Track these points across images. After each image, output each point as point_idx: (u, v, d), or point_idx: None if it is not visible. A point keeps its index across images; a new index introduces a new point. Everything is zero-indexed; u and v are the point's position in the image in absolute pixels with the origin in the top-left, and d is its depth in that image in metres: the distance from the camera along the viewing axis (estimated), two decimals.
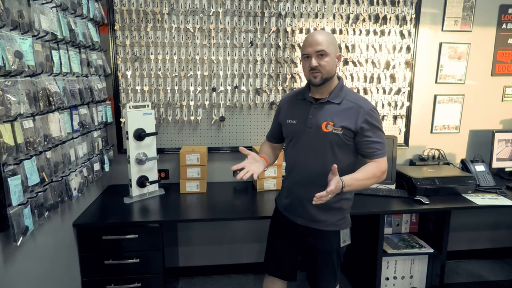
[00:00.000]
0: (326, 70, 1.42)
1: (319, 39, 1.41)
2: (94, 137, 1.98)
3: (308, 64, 1.44)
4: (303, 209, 1.55)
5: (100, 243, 1.79)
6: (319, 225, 1.55)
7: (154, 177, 2.17)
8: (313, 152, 1.49)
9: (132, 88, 2.29)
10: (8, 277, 1.21)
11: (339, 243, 1.56)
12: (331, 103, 1.48)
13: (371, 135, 1.44)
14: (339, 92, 1.49)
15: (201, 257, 2.59)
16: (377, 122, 1.46)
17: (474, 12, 2.49)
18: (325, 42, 1.41)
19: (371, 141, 1.45)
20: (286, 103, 1.65)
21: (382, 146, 1.46)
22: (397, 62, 2.45)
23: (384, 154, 1.47)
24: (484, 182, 2.28)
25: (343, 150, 1.48)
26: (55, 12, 1.48)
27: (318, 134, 1.46)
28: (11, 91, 1.16)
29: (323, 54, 1.41)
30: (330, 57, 1.42)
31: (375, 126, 1.45)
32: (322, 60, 1.41)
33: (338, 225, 1.56)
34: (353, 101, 1.47)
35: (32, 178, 1.28)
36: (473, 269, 2.74)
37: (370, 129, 1.44)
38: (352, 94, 1.52)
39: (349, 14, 2.36)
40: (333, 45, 1.43)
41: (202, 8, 2.25)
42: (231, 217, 2.04)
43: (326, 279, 1.62)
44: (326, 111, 1.47)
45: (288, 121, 1.58)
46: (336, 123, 1.44)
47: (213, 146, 2.44)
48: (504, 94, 2.66)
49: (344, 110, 1.46)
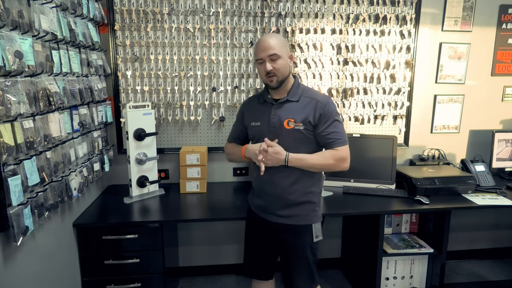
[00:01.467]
0: (280, 72, 1.50)
1: (271, 44, 1.47)
2: (94, 137, 1.98)
3: (263, 69, 1.50)
4: (274, 206, 1.59)
5: (100, 243, 1.79)
6: (290, 220, 1.57)
7: (154, 177, 2.17)
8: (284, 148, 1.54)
9: (132, 88, 2.29)
10: (8, 277, 1.21)
11: (312, 238, 1.57)
12: (290, 101, 1.55)
13: (327, 126, 1.50)
14: (296, 90, 1.57)
15: (201, 257, 2.59)
16: (333, 113, 1.52)
17: (474, 12, 2.49)
18: (277, 46, 1.47)
19: (328, 132, 1.50)
20: (248, 107, 1.71)
21: (339, 135, 1.51)
22: (397, 62, 2.45)
23: (343, 143, 1.51)
24: (484, 182, 2.28)
25: (306, 145, 1.54)
26: (55, 12, 1.48)
27: (281, 132, 1.53)
28: (11, 91, 1.16)
29: (276, 58, 1.47)
30: (283, 59, 1.49)
31: (331, 117, 1.51)
32: (275, 64, 1.48)
33: (309, 219, 1.57)
34: (310, 96, 1.55)
35: (32, 178, 1.28)
36: (473, 269, 2.74)
37: (326, 120, 1.50)
38: (308, 90, 1.60)
39: (349, 14, 2.36)
40: (284, 47, 1.51)
41: (202, 8, 2.25)
42: (231, 217, 2.04)
43: (301, 278, 1.61)
44: (286, 110, 1.54)
45: (252, 123, 1.64)
46: (297, 120, 1.51)
47: (213, 146, 2.44)
48: (504, 94, 2.66)
49: (303, 106, 1.53)
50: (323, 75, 2.41)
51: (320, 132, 1.51)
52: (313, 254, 1.60)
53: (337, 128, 1.51)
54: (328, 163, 1.50)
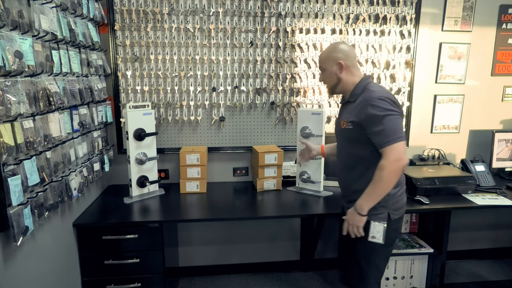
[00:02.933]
0: (327, 83, 1.65)
1: (319, 58, 1.65)
2: (94, 137, 1.98)
3: None
4: (344, 199, 1.70)
5: (100, 243, 1.79)
6: None
7: (154, 177, 2.17)
8: (341, 148, 1.67)
9: (132, 88, 2.29)
10: (8, 277, 1.21)
11: (366, 235, 1.52)
12: (350, 102, 1.60)
13: (372, 126, 1.44)
14: (356, 91, 1.57)
15: (201, 257, 2.59)
16: (379, 111, 1.41)
17: (474, 12, 2.49)
18: (321, 60, 1.63)
19: (374, 132, 1.43)
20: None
21: (383, 134, 1.40)
22: (397, 62, 2.45)
23: (386, 144, 1.40)
24: (484, 182, 2.28)
25: (358, 143, 1.53)
26: (55, 12, 1.48)
27: (339, 131, 1.65)
28: (11, 91, 1.16)
29: (322, 71, 1.65)
30: (327, 70, 1.61)
31: (377, 115, 1.41)
32: (321, 76, 1.67)
33: (369, 215, 1.50)
34: (364, 95, 1.51)
35: (32, 178, 1.28)
36: (473, 269, 2.74)
37: (372, 119, 1.43)
38: (369, 89, 1.51)
39: (349, 14, 2.36)
40: (328, 58, 1.60)
41: (202, 8, 2.25)
42: (231, 217, 2.04)
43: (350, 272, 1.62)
44: (346, 110, 1.62)
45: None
46: (348, 119, 1.55)
47: (213, 146, 2.44)
48: (504, 94, 2.66)
49: (356, 105, 1.53)
50: None
51: (368, 133, 1.46)
52: (365, 252, 1.55)
53: (381, 125, 1.40)
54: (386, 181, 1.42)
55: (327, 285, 2.50)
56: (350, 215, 1.52)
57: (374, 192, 1.46)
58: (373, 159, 1.49)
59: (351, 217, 1.51)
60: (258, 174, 2.27)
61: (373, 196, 1.47)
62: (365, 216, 1.49)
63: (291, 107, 2.44)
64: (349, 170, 1.60)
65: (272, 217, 2.29)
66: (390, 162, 1.40)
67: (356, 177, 1.57)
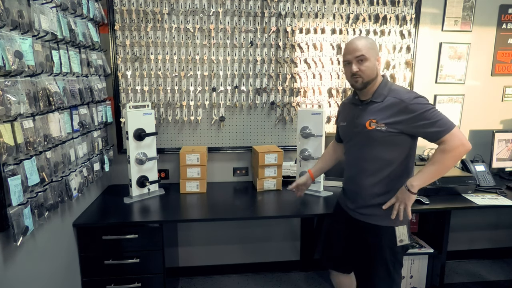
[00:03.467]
0: (366, 74, 1.49)
1: (359, 45, 1.48)
2: (94, 137, 1.98)
3: (349, 70, 1.52)
4: (358, 203, 1.61)
5: (100, 243, 1.79)
6: (370, 219, 1.57)
7: (154, 177, 2.17)
8: (363, 150, 1.56)
9: (132, 88, 2.29)
10: (8, 277, 1.21)
11: (394, 241, 1.54)
12: (374, 102, 1.53)
13: (422, 122, 1.44)
14: (381, 91, 1.53)
15: (201, 257, 2.59)
16: (423, 107, 1.43)
17: (474, 12, 2.49)
18: (364, 48, 1.48)
19: (425, 126, 1.44)
20: (342, 108, 1.76)
21: (439, 124, 1.42)
22: (397, 62, 2.45)
23: (446, 131, 1.42)
24: (484, 182, 2.28)
25: (389, 145, 1.50)
26: (55, 12, 1.48)
27: (364, 133, 1.53)
28: (11, 91, 1.16)
29: (363, 60, 1.48)
30: (370, 61, 1.49)
31: (423, 112, 1.43)
32: (362, 65, 1.49)
33: (391, 221, 1.53)
34: (395, 96, 1.49)
35: (32, 178, 1.28)
36: (473, 269, 2.74)
37: (419, 117, 1.43)
38: (395, 90, 1.53)
39: (349, 14, 2.36)
40: (372, 49, 1.50)
41: (202, 8, 2.25)
42: (231, 217, 2.04)
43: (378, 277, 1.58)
44: (370, 111, 1.53)
45: (341, 123, 1.70)
46: (379, 120, 1.49)
47: (213, 146, 2.44)
48: (504, 94, 2.66)
49: (387, 106, 1.49)
50: (323, 75, 2.41)
51: (419, 131, 1.46)
52: (393, 256, 1.56)
53: (433, 117, 1.42)
54: (448, 163, 1.44)
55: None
56: (400, 193, 1.49)
57: (431, 173, 1.47)
58: (401, 162, 1.53)
59: (401, 194, 1.49)
60: (258, 174, 2.27)
61: (429, 177, 1.47)
62: (415, 194, 1.49)
63: (291, 107, 2.44)
64: (371, 174, 1.54)
65: (272, 217, 2.28)
66: (455, 146, 1.41)
67: (379, 181, 1.54)
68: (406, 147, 1.52)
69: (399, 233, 1.55)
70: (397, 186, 1.52)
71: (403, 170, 1.54)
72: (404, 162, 1.53)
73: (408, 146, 1.53)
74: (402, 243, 1.55)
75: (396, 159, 1.52)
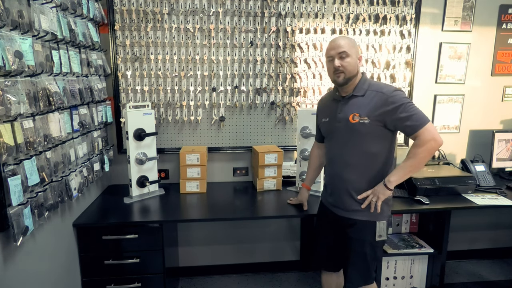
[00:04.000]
0: (348, 70, 1.54)
1: (341, 43, 1.55)
2: (94, 137, 1.98)
3: (332, 66, 1.57)
4: (342, 200, 1.63)
5: (100, 243, 1.79)
6: (353, 215, 1.60)
7: (154, 177, 2.17)
8: (346, 145, 1.59)
9: (132, 88, 2.29)
10: (8, 277, 1.21)
11: (374, 236, 1.58)
12: (356, 96, 1.58)
13: (401, 115, 1.48)
14: (362, 86, 1.58)
15: (201, 257, 2.59)
16: (402, 100, 1.48)
17: (474, 12, 2.49)
18: (346, 45, 1.54)
19: (404, 118, 1.48)
20: (321, 105, 1.80)
21: (414, 118, 1.47)
22: (397, 62, 2.45)
23: (420, 126, 1.47)
24: (484, 182, 2.28)
25: (373, 138, 1.54)
26: (55, 12, 1.48)
27: (347, 127, 1.57)
28: (11, 91, 1.16)
29: (345, 56, 1.54)
30: (352, 58, 1.55)
31: (401, 104, 1.48)
32: (343, 61, 1.54)
33: (372, 215, 1.58)
34: (376, 89, 1.55)
35: (32, 178, 1.28)
36: (473, 269, 2.74)
37: (398, 108, 1.48)
38: (375, 84, 1.59)
39: (349, 14, 2.36)
40: (353, 47, 1.56)
41: (202, 8, 2.25)
42: (231, 217, 2.04)
43: (355, 271, 1.62)
44: (352, 105, 1.57)
45: (323, 120, 1.73)
46: (362, 113, 1.53)
47: (213, 146, 2.44)
48: (504, 94, 2.66)
49: (369, 100, 1.54)
50: (323, 75, 2.41)
51: (396, 123, 1.50)
52: (373, 251, 1.60)
53: (409, 111, 1.47)
54: (421, 157, 1.49)
55: None
56: (378, 186, 1.54)
57: (408, 168, 1.52)
58: (385, 155, 1.57)
59: (378, 188, 1.54)
60: (258, 174, 2.27)
61: (405, 172, 1.52)
62: (391, 191, 1.54)
63: (291, 107, 2.44)
64: (356, 168, 1.57)
65: (272, 217, 2.29)
66: (427, 141, 1.47)
67: (364, 175, 1.57)
68: (388, 141, 1.57)
69: (379, 228, 1.59)
70: (378, 181, 1.57)
71: (386, 163, 1.58)
72: (387, 156, 1.58)
73: (390, 139, 1.57)
74: (381, 238, 1.60)
75: (380, 153, 1.56)
